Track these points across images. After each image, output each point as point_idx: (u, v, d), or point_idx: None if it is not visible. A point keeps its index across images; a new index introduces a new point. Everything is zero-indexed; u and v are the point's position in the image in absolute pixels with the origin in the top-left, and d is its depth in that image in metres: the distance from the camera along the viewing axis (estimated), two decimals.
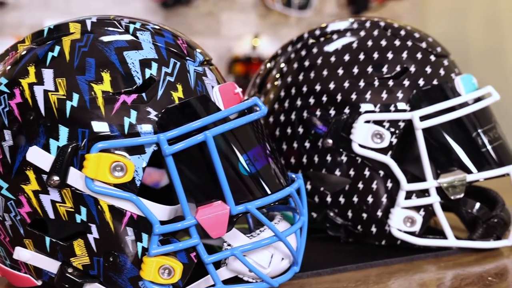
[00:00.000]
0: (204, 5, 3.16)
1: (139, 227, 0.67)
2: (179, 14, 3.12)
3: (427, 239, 0.86)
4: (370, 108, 0.85)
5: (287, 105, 0.90)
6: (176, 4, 3.01)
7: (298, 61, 0.92)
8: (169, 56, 0.70)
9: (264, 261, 0.73)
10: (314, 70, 0.89)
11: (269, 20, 3.31)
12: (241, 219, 0.72)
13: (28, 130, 0.66)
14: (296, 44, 0.95)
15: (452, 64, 0.90)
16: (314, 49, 0.91)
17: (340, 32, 0.92)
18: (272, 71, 0.95)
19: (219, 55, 3.18)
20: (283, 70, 0.93)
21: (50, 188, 0.66)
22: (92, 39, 0.70)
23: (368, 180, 0.86)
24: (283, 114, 0.91)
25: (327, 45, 0.91)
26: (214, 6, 3.20)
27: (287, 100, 0.91)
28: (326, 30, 0.93)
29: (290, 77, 0.91)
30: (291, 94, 0.90)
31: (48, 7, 2.91)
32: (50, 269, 0.70)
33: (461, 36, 3.49)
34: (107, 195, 0.66)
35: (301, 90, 0.90)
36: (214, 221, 0.67)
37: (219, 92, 0.71)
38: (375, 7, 3.49)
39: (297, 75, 0.91)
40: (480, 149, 0.86)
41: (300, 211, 0.76)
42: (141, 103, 0.67)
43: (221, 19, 3.22)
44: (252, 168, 0.71)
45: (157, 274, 0.68)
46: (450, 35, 3.51)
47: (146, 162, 0.66)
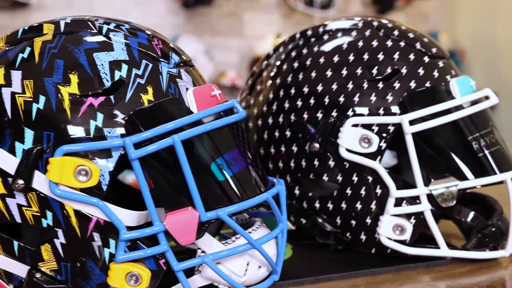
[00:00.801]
0: (227, 5, 3.15)
1: (106, 232, 0.65)
2: (202, 14, 3.11)
3: (418, 248, 0.83)
4: (358, 111, 0.82)
5: (275, 108, 0.88)
6: (197, 4, 3.01)
7: (288, 62, 0.89)
8: (141, 58, 0.69)
9: (239, 269, 0.71)
10: (303, 72, 0.87)
11: (292, 20, 3.29)
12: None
13: (13, 132, 0.65)
14: (288, 45, 0.92)
15: (449, 66, 0.86)
16: (304, 50, 0.88)
17: (332, 33, 0.89)
18: (263, 72, 0.93)
19: (241, 55, 3.18)
20: (273, 72, 0.91)
21: (16, 192, 0.65)
22: (63, 40, 0.68)
23: (356, 186, 0.83)
24: (271, 117, 0.88)
25: (317, 46, 0.88)
26: (236, 6, 3.19)
27: (275, 103, 0.88)
28: (318, 30, 0.90)
29: (279, 79, 0.89)
30: (280, 96, 0.88)
31: (71, 7, 2.94)
32: (19, 274, 0.69)
33: (490, 35, 3.40)
34: (71, 199, 0.64)
35: (290, 92, 0.87)
36: (182, 228, 0.65)
37: (193, 95, 0.69)
38: (401, 6, 3.44)
39: (286, 76, 0.88)
40: (475, 155, 0.82)
41: (278, 217, 0.74)
42: (108, 105, 0.65)
43: (243, 19, 3.21)
44: (226, 172, 0.69)
45: (124, 281, 0.66)
46: (480, 34, 3.42)
47: (113, 166, 0.65)
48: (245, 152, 0.73)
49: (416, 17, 3.58)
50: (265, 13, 3.23)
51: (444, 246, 0.82)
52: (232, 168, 0.70)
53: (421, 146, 0.81)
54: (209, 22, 3.14)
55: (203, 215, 0.66)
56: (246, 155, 0.73)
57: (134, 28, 0.72)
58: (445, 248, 0.82)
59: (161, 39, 0.73)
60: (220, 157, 0.69)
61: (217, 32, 3.16)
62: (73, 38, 0.69)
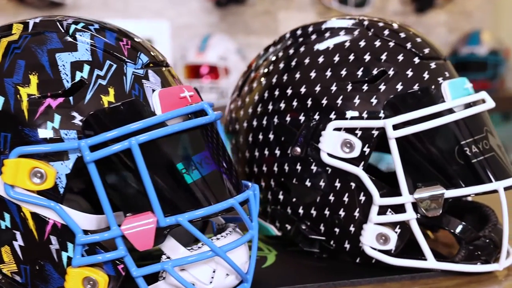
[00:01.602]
0: (261, 3, 3.13)
1: (63, 236, 0.64)
2: (236, 13, 3.09)
3: (403, 259, 0.78)
4: (341, 114, 0.79)
5: (259, 110, 0.85)
6: (231, 3, 2.99)
7: (275, 63, 0.86)
8: (105, 58, 0.67)
9: (205, 277, 0.69)
10: (288, 73, 0.84)
11: None
12: None
13: None
14: (277, 44, 0.89)
15: (443, 67, 0.82)
16: (291, 50, 0.86)
17: (320, 32, 0.86)
18: (252, 72, 0.90)
19: None
20: (260, 72, 0.88)
21: None
22: (28, 40, 0.68)
23: (339, 192, 0.80)
24: (256, 119, 0.86)
25: (304, 46, 0.85)
26: (271, 5, 3.16)
27: (259, 104, 0.85)
28: (308, 30, 0.87)
29: (265, 80, 0.86)
30: (264, 98, 0.85)
31: (107, 7, 2.97)
32: None
33: None
34: (27, 202, 0.63)
35: (274, 93, 0.84)
36: (139, 233, 0.64)
37: (159, 96, 0.68)
38: (441, 3, 3.33)
39: (272, 77, 0.85)
40: (466, 162, 0.77)
41: (248, 225, 0.71)
42: (67, 107, 0.64)
43: (278, 18, 3.18)
44: (190, 177, 0.67)
45: (81, 285, 0.65)
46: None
47: (70, 169, 0.64)
48: (214, 156, 0.71)
49: (458, 15, 3.47)
50: (300, 12, 3.19)
51: (431, 258, 0.78)
52: (197, 172, 0.68)
53: (408, 152, 0.77)
54: (243, 21, 3.12)
55: (161, 221, 0.64)
56: (215, 158, 0.71)
57: (103, 28, 0.71)
58: (432, 260, 0.78)
59: (131, 39, 0.71)
60: (184, 161, 0.67)
61: (251, 31, 3.14)
62: (38, 39, 0.68)
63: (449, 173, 0.77)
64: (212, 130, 0.73)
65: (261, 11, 3.15)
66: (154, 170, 0.65)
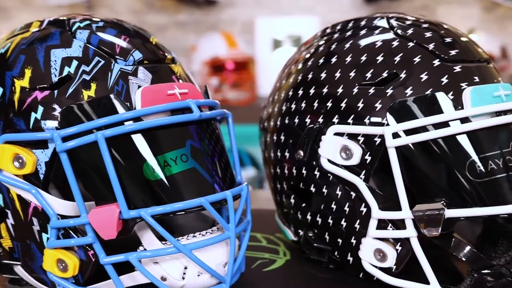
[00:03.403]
0: None
1: (43, 219, 0.69)
2: (390, 9, 2.99)
3: (403, 281, 0.72)
4: (343, 118, 0.74)
5: (276, 110, 0.83)
6: None
7: (300, 61, 0.83)
8: (95, 55, 0.71)
9: (176, 272, 0.70)
10: (303, 73, 0.81)
11: (494, 14, 2.99)
12: None
13: None
14: (308, 43, 0.86)
15: (471, 71, 0.73)
16: (312, 49, 0.82)
17: (342, 31, 0.81)
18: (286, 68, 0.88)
19: None
20: (285, 72, 0.86)
21: None
22: (34, 37, 0.73)
23: (340, 201, 0.75)
24: (273, 120, 0.84)
25: (325, 45, 0.81)
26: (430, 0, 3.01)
27: (277, 105, 0.83)
28: (336, 28, 0.83)
29: (285, 80, 0.84)
30: (281, 98, 0.83)
31: (259, 4, 3.05)
32: None
33: None
34: (11, 184, 0.69)
35: (288, 94, 0.82)
36: (103, 223, 0.67)
37: (141, 93, 0.69)
38: None
39: (290, 78, 0.83)
40: (477, 179, 0.68)
41: (223, 225, 0.70)
42: (50, 100, 0.68)
43: (437, 13, 3.00)
44: (161, 173, 0.68)
45: (55, 266, 0.69)
46: None
47: (49, 157, 0.68)
48: (196, 153, 0.71)
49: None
50: (462, 6, 2.99)
51: (434, 282, 0.70)
52: (169, 168, 0.69)
53: (412, 163, 0.70)
54: None
55: (125, 213, 0.66)
56: (197, 156, 0.71)
57: (106, 26, 0.74)
58: (435, 284, 0.70)
59: (132, 37, 0.74)
60: (156, 157, 0.68)
61: None
62: (43, 36, 0.73)
63: (456, 190, 0.69)
64: (201, 128, 0.73)
65: (419, 5, 3.00)
66: (124, 164, 0.67)
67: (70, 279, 0.70)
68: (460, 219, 0.69)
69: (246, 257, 0.84)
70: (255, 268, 0.81)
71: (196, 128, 0.73)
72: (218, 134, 0.78)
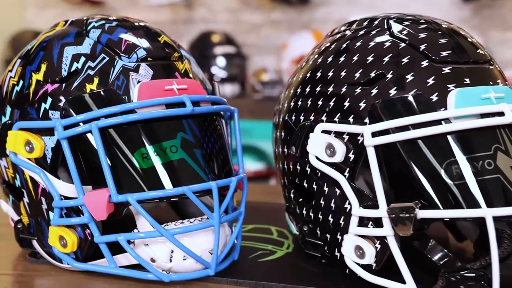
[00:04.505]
0: None
1: (50, 198, 0.78)
2: (492, 6, 2.86)
3: (381, 279, 0.72)
4: (331, 117, 0.76)
5: (283, 106, 0.86)
6: None
7: (305, 60, 0.86)
8: (101, 52, 0.78)
9: (163, 255, 0.76)
10: (304, 72, 0.83)
11: None
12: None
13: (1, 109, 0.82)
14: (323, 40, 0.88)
15: (461, 73, 0.72)
16: (317, 48, 0.84)
17: (344, 31, 0.83)
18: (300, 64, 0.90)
19: None
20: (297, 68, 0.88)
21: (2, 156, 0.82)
22: (55, 35, 0.82)
23: (327, 197, 0.77)
24: (278, 116, 0.87)
25: (326, 44, 0.83)
26: None
27: (286, 101, 0.86)
28: (341, 28, 0.85)
29: (294, 78, 0.86)
30: (289, 94, 0.86)
31: (353, 3, 3.03)
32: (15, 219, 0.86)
33: None
34: (23, 166, 0.78)
35: (290, 91, 0.85)
36: (95, 205, 0.74)
37: (139, 87, 0.76)
38: None
39: (294, 76, 0.85)
40: (452, 181, 0.68)
41: (206, 213, 0.75)
42: (58, 92, 0.76)
43: None
44: (150, 162, 0.74)
45: (57, 242, 0.77)
46: None
47: (54, 143, 0.76)
48: (187, 146, 0.76)
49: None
50: None
51: (410, 281, 0.70)
52: (158, 158, 0.74)
53: (392, 163, 0.71)
54: (500, 15, 2.86)
55: (114, 197, 0.73)
56: (187, 148, 0.76)
57: (118, 26, 0.81)
58: (411, 284, 0.70)
59: (138, 36, 0.80)
60: (146, 147, 0.74)
61: (510, 26, 2.87)
62: (62, 34, 0.81)
63: (432, 191, 0.68)
64: (196, 122, 0.78)
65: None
66: (116, 152, 0.74)
67: (71, 255, 0.78)
68: (434, 220, 0.68)
69: (249, 247, 0.89)
70: (252, 258, 0.85)
71: (190, 121, 0.77)
72: (219, 129, 0.82)
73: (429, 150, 0.69)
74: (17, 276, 0.82)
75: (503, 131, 0.70)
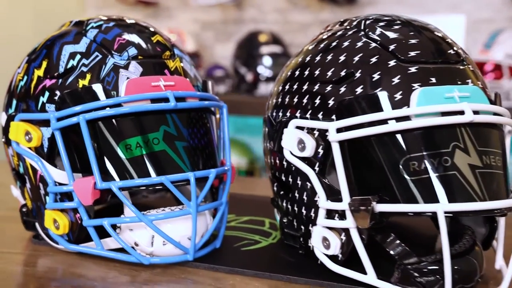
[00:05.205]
0: None
1: (46, 184, 0.85)
2: None
3: (344, 269, 0.76)
4: (304, 113, 0.79)
5: (268, 103, 0.90)
6: None
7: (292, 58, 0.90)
8: (95, 50, 0.84)
9: (145, 240, 0.81)
10: (285, 70, 0.87)
11: None
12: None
13: (8, 101, 0.91)
14: None
15: (427, 72, 0.74)
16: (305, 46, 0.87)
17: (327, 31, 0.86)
18: None
19: None
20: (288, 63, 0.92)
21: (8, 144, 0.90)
22: (58, 35, 0.89)
23: (300, 190, 0.81)
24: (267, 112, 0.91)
25: (312, 43, 0.86)
26: None
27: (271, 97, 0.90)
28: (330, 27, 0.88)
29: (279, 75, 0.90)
30: (273, 91, 0.90)
31: (401, 2, 3.02)
32: None
33: None
34: (24, 155, 0.85)
35: (275, 88, 0.89)
36: (81, 191, 0.80)
37: (126, 83, 0.82)
38: None
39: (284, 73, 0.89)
40: (409, 176, 0.70)
41: (183, 201, 0.80)
42: (55, 86, 0.83)
43: None
44: (132, 152, 0.80)
45: (52, 224, 0.84)
46: None
47: (50, 134, 0.83)
48: (170, 139, 0.81)
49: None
50: None
51: (371, 273, 0.73)
52: (140, 149, 0.80)
53: (356, 159, 0.74)
54: None
55: (98, 183, 0.79)
56: (168, 141, 0.81)
57: (114, 26, 0.87)
58: (371, 276, 0.73)
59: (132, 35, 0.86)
60: (130, 138, 0.80)
61: None
62: (63, 33, 0.89)
63: (391, 186, 0.71)
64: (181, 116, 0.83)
65: None
66: (102, 143, 0.80)
67: (64, 237, 0.85)
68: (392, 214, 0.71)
69: (236, 237, 0.93)
70: (236, 247, 0.89)
71: (174, 116, 0.83)
72: (207, 124, 0.87)
73: (388, 146, 0.72)
74: (20, 255, 0.89)
75: (464, 130, 0.71)
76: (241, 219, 1.03)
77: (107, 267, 0.83)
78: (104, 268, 0.83)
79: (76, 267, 0.83)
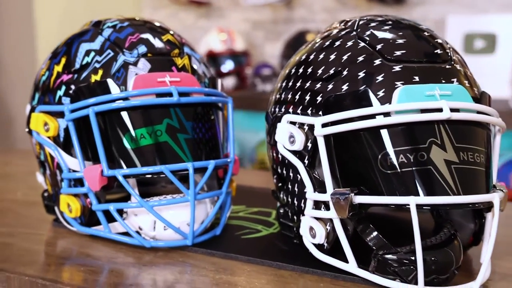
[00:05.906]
0: None
1: (62, 171, 0.92)
2: None
3: (327, 257, 0.80)
4: (295, 109, 0.83)
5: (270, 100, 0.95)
6: None
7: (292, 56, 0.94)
8: (108, 48, 0.91)
9: (147, 225, 0.88)
10: (285, 67, 0.91)
11: None
12: None
13: (32, 94, 0.99)
14: None
15: (411, 71, 0.76)
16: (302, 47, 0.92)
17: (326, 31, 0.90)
18: None
19: None
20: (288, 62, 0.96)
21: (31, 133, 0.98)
22: (78, 33, 0.97)
23: (292, 182, 0.85)
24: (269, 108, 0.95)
25: (310, 42, 0.90)
26: None
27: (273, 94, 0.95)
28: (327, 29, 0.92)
29: None
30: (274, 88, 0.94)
31: (452, 2, 2.98)
32: None
33: None
34: (43, 143, 0.93)
35: (275, 86, 0.93)
36: (90, 177, 0.87)
37: (134, 79, 0.88)
38: None
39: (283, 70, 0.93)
40: (386, 170, 0.73)
41: (181, 189, 0.85)
42: (70, 81, 0.91)
43: None
44: (136, 143, 0.86)
45: (66, 208, 0.92)
46: None
47: (66, 124, 0.90)
48: (173, 131, 0.87)
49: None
50: None
51: (352, 262, 0.77)
52: (144, 140, 0.86)
53: (340, 152, 0.78)
54: None
55: (105, 171, 0.86)
56: (170, 133, 0.87)
57: (128, 26, 0.94)
58: (352, 264, 0.77)
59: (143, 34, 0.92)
60: (135, 130, 0.86)
61: None
62: (82, 32, 0.96)
63: (370, 179, 0.74)
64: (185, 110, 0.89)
65: None
66: (110, 134, 0.87)
67: (77, 220, 0.92)
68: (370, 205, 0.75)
69: (239, 226, 0.99)
70: (237, 235, 0.94)
71: (178, 110, 0.88)
72: (212, 118, 0.93)
73: (368, 141, 0.75)
74: (43, 235, 0.98)
75: (442, 126, 0.74)
76: (250, 210, 1.08)
77: (115, 249, 0.90)
78: (112, 250, 0.89)
79: (87, 248, 0.90)
